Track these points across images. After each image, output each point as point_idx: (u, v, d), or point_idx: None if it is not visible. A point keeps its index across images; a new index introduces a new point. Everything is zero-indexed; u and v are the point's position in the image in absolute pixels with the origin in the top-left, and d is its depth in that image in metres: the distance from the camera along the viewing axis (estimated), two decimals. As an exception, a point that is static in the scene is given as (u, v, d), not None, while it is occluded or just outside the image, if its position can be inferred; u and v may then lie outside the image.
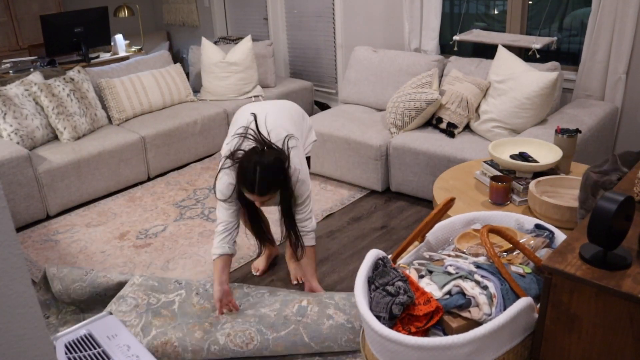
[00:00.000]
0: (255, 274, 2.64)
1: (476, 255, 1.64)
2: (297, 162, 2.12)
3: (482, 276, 1.49)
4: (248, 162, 1.98)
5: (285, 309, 2.09)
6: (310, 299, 2.14)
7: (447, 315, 1.44)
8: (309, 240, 2.26)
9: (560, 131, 2.40)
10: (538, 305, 1.45)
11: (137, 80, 4.05)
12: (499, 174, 2.35)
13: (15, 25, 5.28)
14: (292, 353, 2.05)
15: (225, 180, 2.12)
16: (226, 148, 2.16)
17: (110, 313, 2.29)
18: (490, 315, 1.41)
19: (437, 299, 1.45)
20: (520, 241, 1.67)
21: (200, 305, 2.16)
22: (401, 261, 1.72)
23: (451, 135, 3.21)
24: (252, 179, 1.96)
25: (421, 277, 1.58)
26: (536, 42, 3.30)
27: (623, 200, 1.22)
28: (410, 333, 1.41)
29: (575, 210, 1.95)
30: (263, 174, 1.96)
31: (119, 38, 5.00)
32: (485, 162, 2.47)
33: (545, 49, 3.35)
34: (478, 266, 1.53)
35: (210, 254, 2.34)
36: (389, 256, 1.71)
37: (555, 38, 3.38)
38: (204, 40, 4.45)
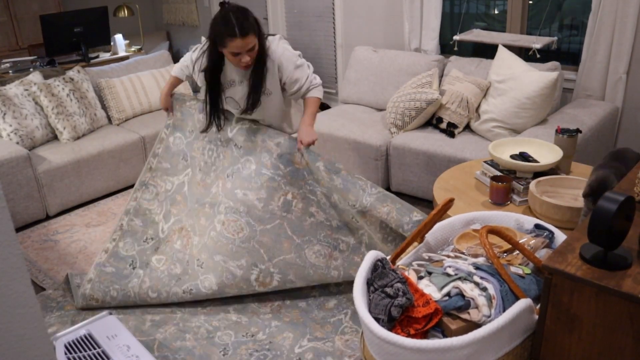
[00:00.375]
0: None
1: (475, 255, 1.63)
2: (274, 41, 2.23)
3: (482, 277, 1.48)
4: (220, 14, 2.08)
5: (271, 202, 2.25)
6: (295, 192, 2.26)
7: (446, 317, 1.44)
8: (315, 92, 2.34)
9: (561, 131, 2.40)
10: (538, 306, 1.45)
11: (136, 80, 4.04)
12: (499, 174, 2.35)
13: (15, 25, 5.28)
14: (276, 245, 2.25)
15: (187, 57, 2.43)
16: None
17: (110, 313, 2.29)
18: (489, 316, 1.41)
19: (436, 301, 1.45)
20: (520, 241, 1.67)
21: (202, 182, 2.42)
22: (400, 262, 1.71)
23: (451, 135, 3.21)
24: (231, 24, 2.04)
25: (420, 278, 1.58)
26: (536, 42, 3.29)
27: (623, 200, 1.22)
28: (409, 335, 1.40)
29: (576, 210, 1.95)
30: (237, 15, 2.06)
31: (118, 38, 4.99)
32: (485, 162, 2.47)
33: (546, 48, 3.35)
34: (477, 267, 1.53)
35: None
36: (388, 257, 1.71)
37: (555, 38, 3.37)
38: (204, 40, 4.44)
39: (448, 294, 1.46)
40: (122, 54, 4.99)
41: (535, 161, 2.34)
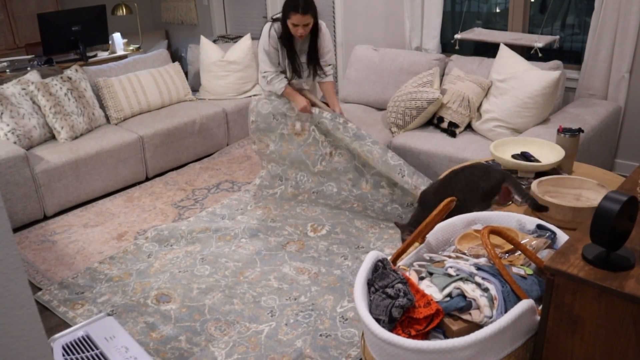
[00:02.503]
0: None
1: (477, 256, 1.62)
2: (324, 27, 3.01)
3: (483, 278, 1.47)
4: None
5: (342, 190, 3.13)
6: (359, 203, 3.08)
7: (448, 318, 1.42)
8: (331, 77, 3.14)
9: (563, 131, 2.39)
10: (540, 307, 1.43)
11: (135, 79, 4.03)
12: (500, 173, 2.34)
13: (12, 24, 5.26)
14: (336, 215, 3.04)
15: (266, 31, 2.94)
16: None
17: (109, 314, 2.28)
18: (491, 317, 1.40)
19: (437, 302, 1.44)
20: (522, 242, 1.65)
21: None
22: (401, 263, 1.70)
23: (452, 134, 3.20)
24: (297, 3, 2.75)
25: (421, 279, 1.56)
26: (538, 41, 3.28)
27: (626, 200, 1.21)
28: (410, 336, 1.39)
29: (579, 210, 1.94)
30: None
31: (116, 36, 4.97)
32: (487, 161, 2.46)
33: (548, 47, 3.34)
34: (479, 268, 1.51)
35: (278, 90, 3.08)
36: (389, 258, 1.69)
37: (557, 37, 3.36)
38: (202, 38, 4.43)
39: (449, 295, 1.45)
40: (120, 52, 4.97)
41: (537, 161, 2.33)
